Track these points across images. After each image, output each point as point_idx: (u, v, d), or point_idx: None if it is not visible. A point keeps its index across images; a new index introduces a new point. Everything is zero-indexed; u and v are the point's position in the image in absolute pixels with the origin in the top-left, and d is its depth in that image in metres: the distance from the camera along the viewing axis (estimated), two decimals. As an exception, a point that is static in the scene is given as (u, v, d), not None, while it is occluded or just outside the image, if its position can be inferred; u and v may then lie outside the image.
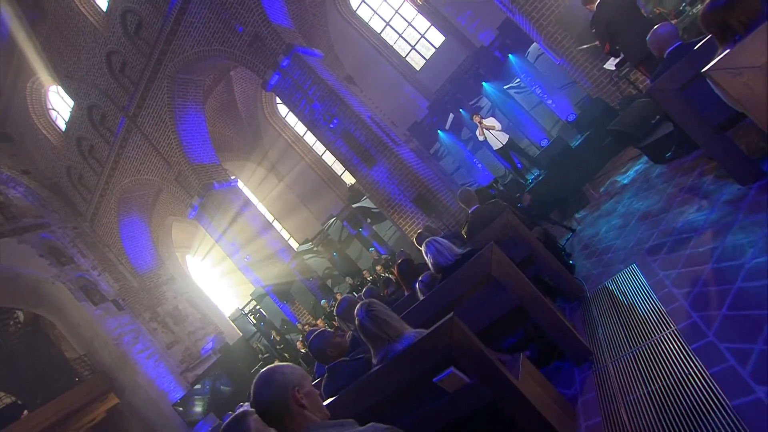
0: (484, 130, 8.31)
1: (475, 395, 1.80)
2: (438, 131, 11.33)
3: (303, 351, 8.77)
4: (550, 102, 9.67)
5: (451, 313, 1.86)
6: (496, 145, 8.29)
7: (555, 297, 3.41)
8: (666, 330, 2.14)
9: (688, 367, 1.83)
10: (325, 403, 2.09)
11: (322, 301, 9.85)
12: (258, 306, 11.37)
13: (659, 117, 4.38)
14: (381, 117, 10.44)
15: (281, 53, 7.89)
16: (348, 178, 14.15)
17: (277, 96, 8.82)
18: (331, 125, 7.99)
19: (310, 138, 15.15)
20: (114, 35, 9.52)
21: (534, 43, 8.97)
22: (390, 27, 13.09)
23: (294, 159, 15.62)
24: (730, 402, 1.55)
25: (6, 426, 9.42)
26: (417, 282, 3.16)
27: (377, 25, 13.09)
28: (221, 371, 10.32)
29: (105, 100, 10.28)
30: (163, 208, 13.33)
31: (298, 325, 10.17)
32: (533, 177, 7.66)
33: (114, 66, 9.89)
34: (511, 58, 9.73)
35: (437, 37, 12.56)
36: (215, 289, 16.77)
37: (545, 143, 8.70)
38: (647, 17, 4.75)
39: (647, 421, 1.78)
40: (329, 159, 15.18)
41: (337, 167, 15.11)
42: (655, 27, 3.02)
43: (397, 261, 4.72)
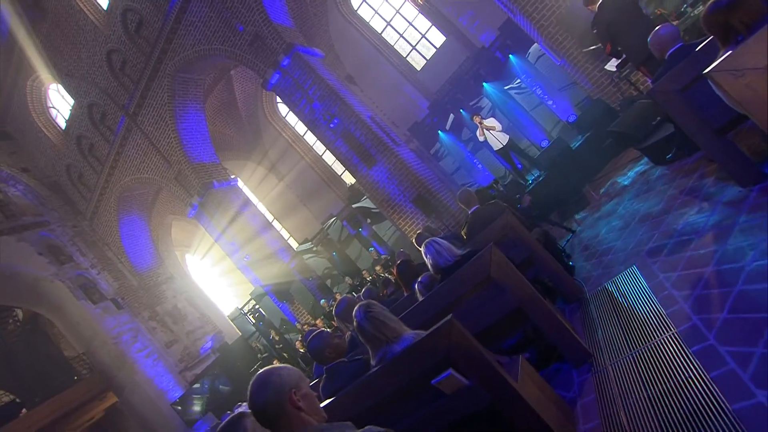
0: (484, 130, 8.30)
1: (474, 397, 1.79)
2: (438, 131, 11.32)
3: (302, 351, 8.77)
4: (550, 103, 9.66)
5: (450, 315, 1.85)
6: (496, 146, 8.28)
7: (554, 298, 3.40)
8: (666, 333, 2.13)
9: (688, 371, 1.82)
10: (324, 404, 2.08)
11: (321, 301, 9.83)
12: (257, 305, 11.37)
13: (660, 118, 4.37)
14: (381, 117, 10.43)
15: (282, 52, 7.88)
16: (348, 177, 14.14)
17: (278, 95, 8.81)
18: (332, 125, 7.98)
19: (310, 137, 15.14)
20: (114, 34, 9.51)
21: (535, 44, 8.97)
22: (391, 27, 13.09)
23: (294, 158, 15.62)
24: (730, 406, 1.54)
25: (4, 424, 9.41)
26: (416, 283, 3.15)
27: (378, 25, 13.08)
28: (220, 370, 10.31)
29: (105, 98, 10.28)
30: (163, 206, 13.32)
31: (297, 325, 10.16)
32: (533, 178, 7.65)
33: (114, 64, 9.88)
34: (512, 58, 9.72)
35: (438, 38, 12.55)
36: (214, 289, 16.76)
37: (545, 144, 8.70)
38: (649, 18, 4.74)
39: (647, 425, 1.77)
40: (329, 159, 15.18)
41: (337, 167, 15.11)
42: (657, 28, 3.01)
43: (397, 261, 4.71)
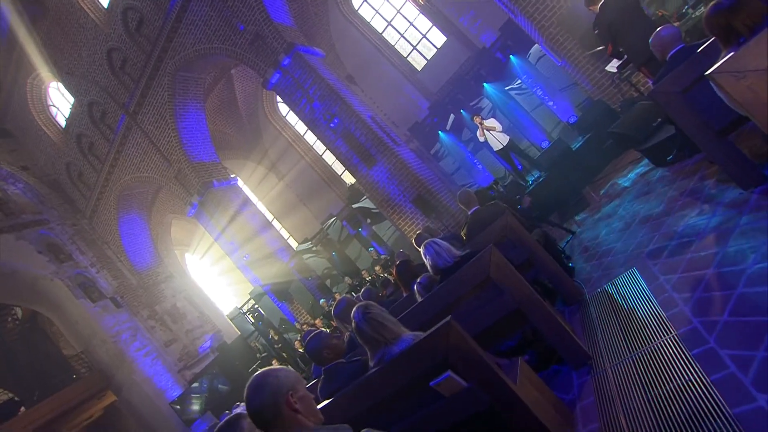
0: (484, 131, 8.29)
1: (473, 399, 1.78)
2: (438, 132, 11.32)
3: (301, 351, 8.76)
4: (551, 103, 9.66)
5: (449, 317, 1.84)
6: (496, 147, 8.27)
7: (554, 300, 3.39)
8: (666, 335, 2.12)
9: (688, 374, 1.81)
10: (322, 405, 2.07)
11: (320, 301, 9.82)
12: (256, 305, 11.36)
13: (661, 120, 4.36)
14: (381, 117, 10.41)
15: (282, 52, 7.87)
16: (348, 177, 14.14)
17: (278, 95, 8.80)
18: (332, 125, 7.97)
19: (310, 137, 15.13)
20: (115, 32, 9.50)
21: (535, 45, 8.96)
22: (392, 27, 13.08)
23: (294, 158, 15.61)
24: (730, 410, 1.53)
25: (3, 423, 9.40)
26: (415, 283, 3.14)
27: (379, 25, 13.08)
28: (219, 370, 10.30)
29: (105, 97, 10.27)
30: (163, 205, 13.30)
31: (296, 325, 10.15)
32: (533, 179, 7.64)
33: (115, 63, 9.87)
34: (513, 59, 9.72)
35: (439, 38, 12.55)
36: (214, 288, 16.75)
37: (546, 145, 8.69)
38: (650, 19, 4.73)
39: (646, 428, 1.76)
40: (329, 158, 15.17)
41: (337, 167, 15.10)
42: (658, 29, 3.00)
43: (396, 262, 4.70)
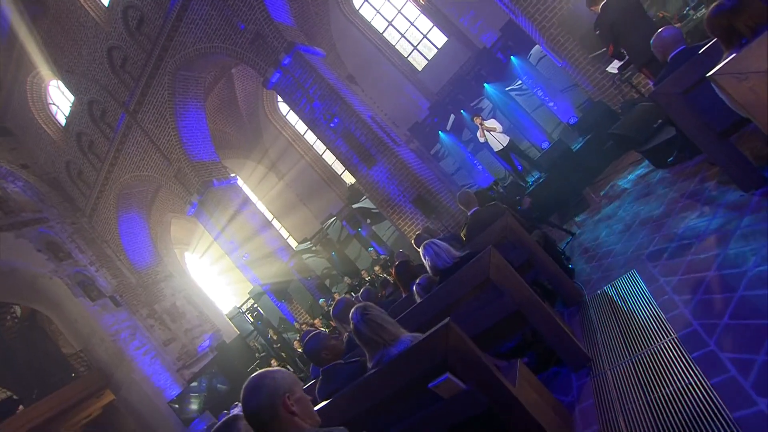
0: (485, 131, 8.28)
1: (471, 402, 1.77)
2: (439, 132, 11.31)
3: (300, 350, 8.75)
4: (551, 104, 9.65)
5: (448, 318, 1.83)
6: (496, 147, 8.26)
7: (554, 301, 3.38)
8: (666, 338, 2.11)
9: (688, 377, 1.80)
10: (320, 406, 2.06)
11: (320, 301, 9.82)
12: (256, 304, 11.35)
13: (661, 121, 4.35)
14: (382, 117, 10.41)
15: (283, 51, 7.86)
16: (348, 177, 14.13)
17: (278, 94, 8.80)
18: (332, 124, 7.96)
19: (310, 137, 15.13)
20: (115, 30, 9.49)
21: (536, 45, 8.95)
22: (392, 27, 13.07)
23: (294, 157, 15.60)
24: (731, 414, 1.52)
25: (1, 421, 9.39)
26: (414, 284, 3.13)
27: (379, 25, 13.07)
28: (218, 369, 10.29)
29: (105, 95, 10.26)
30: (163, 204, 13.30)
31: (295, 324, 10.14)
32: (533, 179, 7.63)
33: (115, 61, 9.86)
34: (513, 59, 9.71)
35: (439, 38, 12.54)
36: (213, 287, 16.74)
37: (546, 146, 8.68)
38: (652, 20, 4.72)
39: (645, 431, 1.75)
40: (329, 158, 15.17)
41: (337, 166, 15.09)
42: (660, 30, 2.99)
43: (396, 262, 4.69)
